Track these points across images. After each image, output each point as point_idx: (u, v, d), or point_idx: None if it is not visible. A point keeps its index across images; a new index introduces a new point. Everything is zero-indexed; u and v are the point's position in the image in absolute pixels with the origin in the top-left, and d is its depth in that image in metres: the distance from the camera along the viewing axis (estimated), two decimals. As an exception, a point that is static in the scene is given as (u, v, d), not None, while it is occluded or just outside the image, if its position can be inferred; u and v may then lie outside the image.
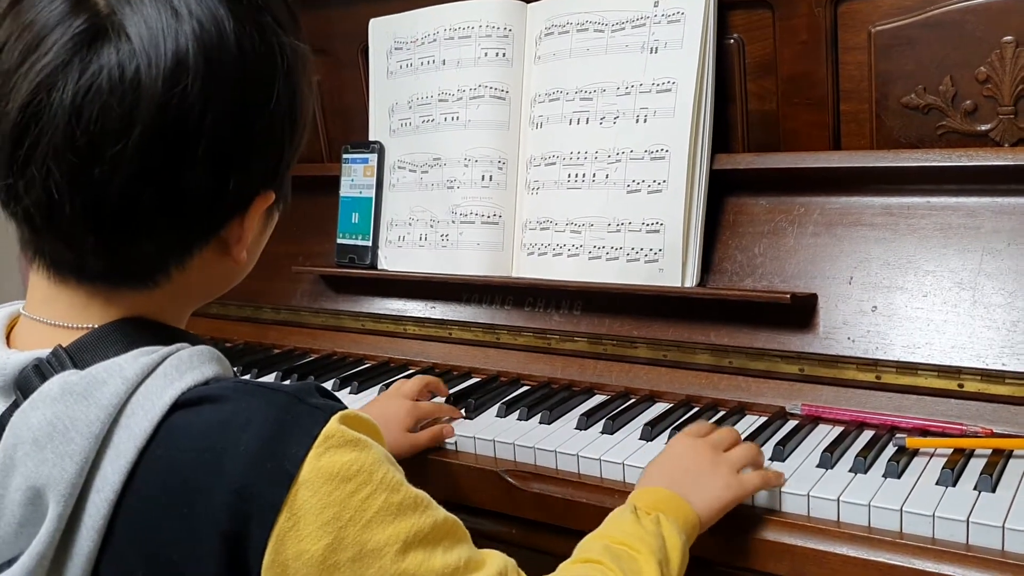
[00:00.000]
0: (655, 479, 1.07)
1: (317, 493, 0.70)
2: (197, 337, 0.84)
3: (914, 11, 1.33)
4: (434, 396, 1.47)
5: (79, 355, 0.76)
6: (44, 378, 0.74)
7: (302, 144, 0.85)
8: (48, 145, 0.71)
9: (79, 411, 0.71)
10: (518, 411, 1.42)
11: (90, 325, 0.79)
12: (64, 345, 0.77)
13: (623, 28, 1.49)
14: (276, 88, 0.77)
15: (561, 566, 0.94)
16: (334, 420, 0.73)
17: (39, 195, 0.73)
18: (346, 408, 0.75)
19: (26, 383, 0.75)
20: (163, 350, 0.76)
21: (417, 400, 1.41)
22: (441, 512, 0.78)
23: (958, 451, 1.17)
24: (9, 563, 0.72)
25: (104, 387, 0.72)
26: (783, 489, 1.13)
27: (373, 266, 1.78)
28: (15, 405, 0.75)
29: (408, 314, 1.75)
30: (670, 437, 1.28)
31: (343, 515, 0.71)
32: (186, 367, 0.75)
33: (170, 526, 0.71)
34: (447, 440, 1.39)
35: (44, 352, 0.77)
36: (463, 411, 1.45)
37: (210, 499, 0.70)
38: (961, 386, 1.25)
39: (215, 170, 0.75)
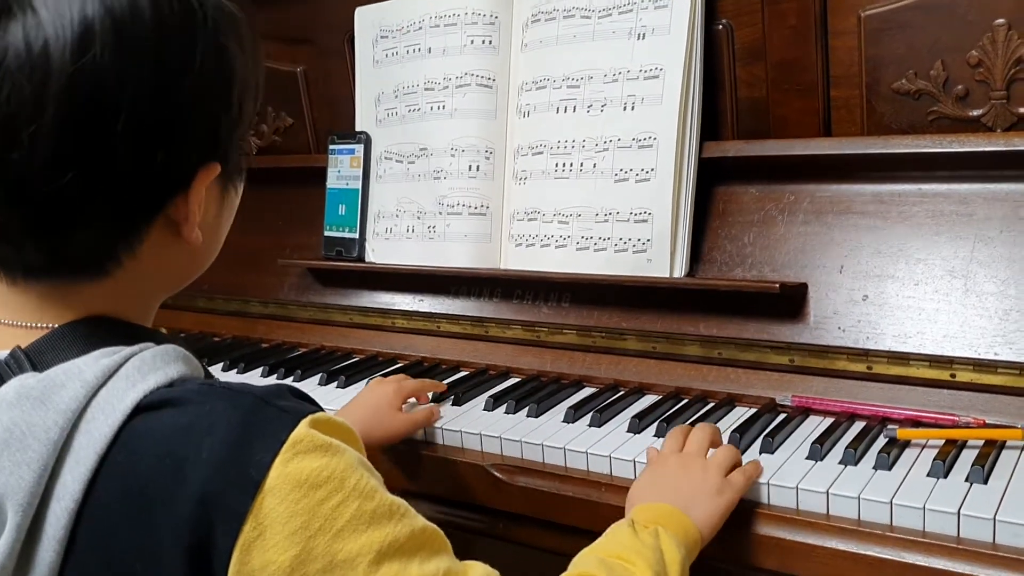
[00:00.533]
0: (649, 495, 1.05)
1: (284, 501, 0.67)
2: (163, 335, 0.81)
3: (905, -6, 1.31)
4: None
5: (38, 356, 0.74)
6: (2, 380, 0.72)
7: (248, 113, 0.81)
8: None
9: (36, 417, 0.68)
10: (505, 404, 1.41)
11: (49, 325, 0.77)
12: (23, 346, 0.75)
13: (610, 14, 1.47)
14: (198, 51, 0.74)
15: None
16: (303, 424, 0.70)
17: None
18: (319, 411, 0.72)
19: None
20: (125, 351, 0.73)
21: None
22: (419, 520, 0.74)
23: (950, 442, 1.15)
24: None
25: (63, 391, 0.69)
26: (771, 482, 1.11)
27: (361, 259, 1.76)
28: None
29: (396, 307, 1.73)
30: (657, 430, 1.27)
31: (312, 524, 0.68)
32: (149, 368, 0.72)
33: (132, 535, 0.68)
34: (434, 425, 1.37)
35: (2, 354, 0.75)
36: (451, 402, 1.44)
37: (172, 507, 0.67)
38: (953, 376, 1.23)
39: (139, 144, 0.71)
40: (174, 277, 0.84)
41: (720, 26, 1.44)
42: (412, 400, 1.41)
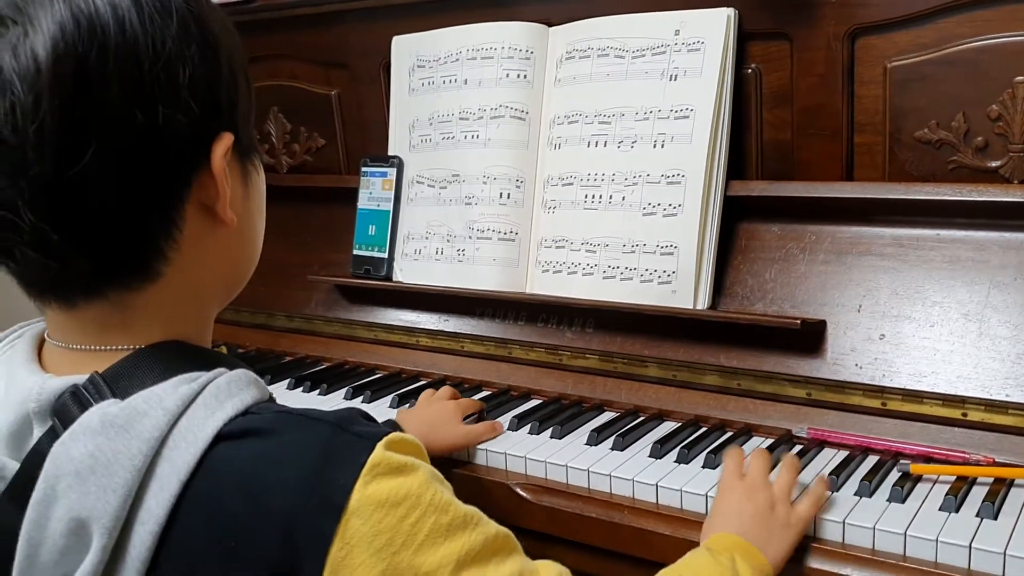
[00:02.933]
0: (726, 524, 1.08)
1: (368, 521, 0.70)
2: (231, 359, 0.83)
3: (930, 48, 1.36)
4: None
5: (116, 383, 0.76)
6: (82, 406, 0.74)
7: (242, 84, 0.82)
8: None
9: (121, 444, 0.71)
10: (529, 425, 1.45)
11: (115, 346, 0.79)
12: (100, 371, 0.77)
13: (643, 55, 1.53)
14: (174, 14, 0.75)
15: None
16: (379, 447, 0.73)
17: None
18: (389, 432, 0.75)
19: (64, 411, 0.75)
20: (202, 378, 0.76)
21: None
22: (492, 526, 0.77)
23: (961, 478, 1.20)
24: None
25: (145, 419, 0.72)
26: (790, 510, 1.16)
27: (388, 278, 1.81)
28: (52, 431, 0.75)
29: (421, 326, 1.78)
30: (679, 456, 1.32)
31: (396, 540, 0.71)
32: (225, 395, 0.75)
33: (218, 561, 0.71)
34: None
35: (80, 378, 0.77)
36: (475, 420, 1.49)
37: (258, 534, 0.70)
38: (965, 415, 1.28)
39: (138, 105, 0.72)
40: (222, 274, 0.86)
41: (750, 70, 1.50)
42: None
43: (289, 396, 1.69)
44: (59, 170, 0.71)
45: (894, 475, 1.23)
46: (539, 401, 1.59)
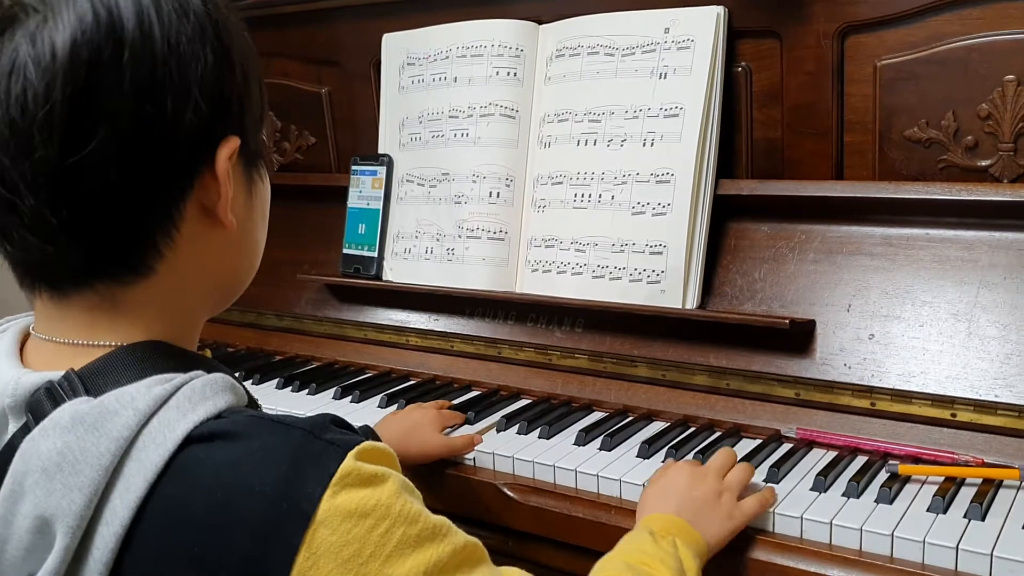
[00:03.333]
0: (663, 506, 1.10)
1: (336, 531, 0.69)
2: (212, 362, 0.83)
3: (920, 47, 1.36)
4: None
5: (91, 380, 0.75)
6: (56, 402, 0.74)
7: (253, 86, 0.82)
8: None
9: (89, 442, 0.70)
10: (517, 425, 1.45)
11: (100, 342, 0.79)
12: (76, 369, 0.76)
13: (633, 53, 1.52)
14: (190, 14, 0.76)
15: None
16: (350, 457, 0.72)
17: None
18: (363, 441, 0.74)
19: (38, 407, 0.74)
20: (176, 379, 0.75)
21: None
22: (461, 537, 0.77)
23: (949, 479, 1.20)
24: None
25: (116, 418, 0.71)
26: (776, 511, 1.15)
27: (378, 277, 1.81)
28: (26, 428, 0.74)
29: (411, 325, 1.78)
30: (667, 456, 1.31)
31: (363, 552, 0.70)
32: (199, 398, 0.74)
33: (182, 565, 0.70)
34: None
35: (56, 375, 0.76)
36: (464, 420, 1.48)
37: (224, 540, 0.69)
38: (954, 415, 1.28)
39: (148, 99, 0.73)
40: (215, 279, 0.85)
41: (739, 68, 1.49)
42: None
43: (278, 395, 1.68)
44: (63, 155, 0.72)
45: (882, 476, 1.23)
46: (528, 401, 1.59)
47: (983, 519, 1.10)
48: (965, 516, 1.11)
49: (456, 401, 1.57)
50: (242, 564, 0.69)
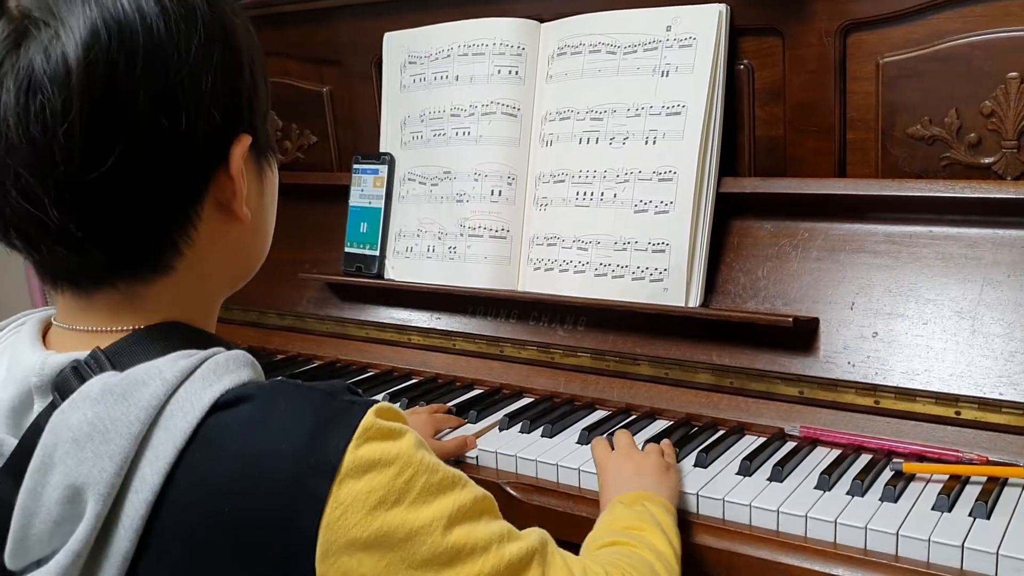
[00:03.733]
0: (622, 487, 1.18)
1: (361, 480, 0.72)
2: (231, 343, 0.85)
3: (922, 44, 1.35)
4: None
5: (117, 358, 0.77)
6: (82, 380, 0.75)
7: (261, 84, 0.84)
8: (6, 149, 0.73)
9: (119, 411, 0.72)
10: (520, 424, 1.45)
11: (123, 328, 0.81)
12: (102, 347, 0.78)
13: (635, 51, 1.52)
14: (199, 19, 0.77)
15: (583, 556, 1.00)
16: (370, 413, 0.75)
17: (17, 205, 0.74)
18: (376, 401, 0.77)
19: (64, 384, 0.76)
20: (200, 354, 0.77)
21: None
22: (479, 489, 0.80)
23: (954, 477, 1.20)
24: (40, 562, 0.73)
25: (144, 388, 0.73)
26: (782, 510, 1.15)
27: (380, 276, 1.80)
28: (52, 406, 0.75)
29: (413, 324, 1.77)
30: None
31: (389, 498, 0.73)
32: (223, 370, 0.76)
33: (212, 528, 0.72)
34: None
35: (82, 354, 0.78)
36: (466, 419, 1.48)
37: (253, 498, 0.71)
38: (958, 413, 1.27)
39: (165, 113, 0.75)
40: (232, 268, 0.88)
41: (742, 66, 1.49)
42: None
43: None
44: (85, 171, 0.73)
45: (887, 474, 1.22)
46: (530, 399, 1.59)
47: (988, 517, 1.10)
48: (970, 515, 1.11)
49: (458, 400, 1.57)
50: (273, 520, 0.71)
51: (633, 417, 1.47)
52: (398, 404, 1.56)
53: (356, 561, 0.72)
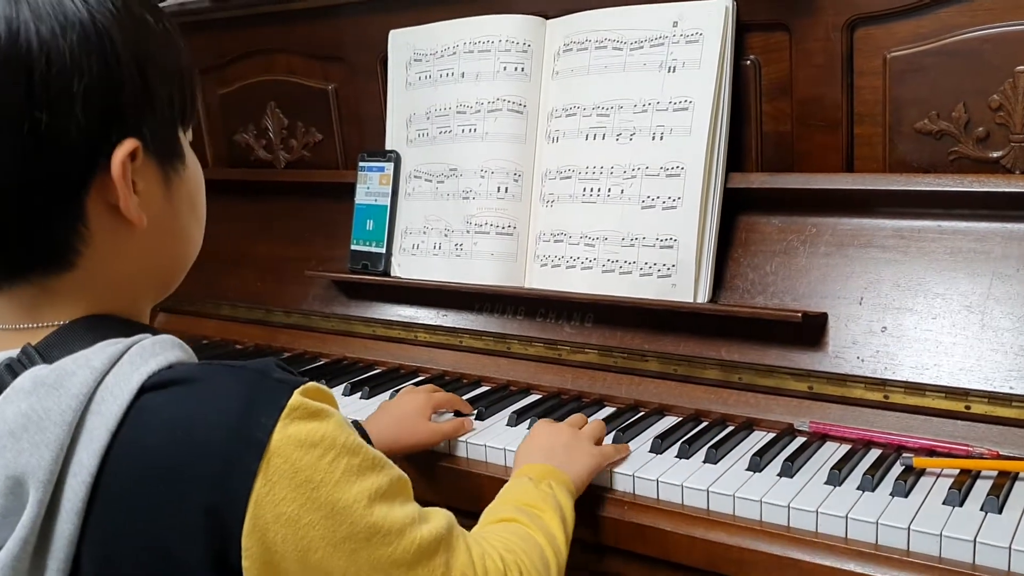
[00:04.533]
0: (533, 457, 1.23)
1: (288, 460, 0.76)
2: (158, 330, 0.87)
3: (930, 38, 1.35)
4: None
5: (47, 351, 0.80)
6: (15, 375, 0.78)
7: (156, 88, 0.84)
8: None
9: (51, 401, 0.75)
10: (528, 420, 1.45)
11: (46, 323, 0.83)
12: (33, 343, 0.81)
13: (642, 47, 1.51)
14: (68, 27, 0.78)
15: (476, 529, 1.05)
16: (297, 393, 0.78)
17: None
18: (306, 381, 0.80)
19: None
20: (127, 340, 0.80)
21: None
22: (396, 470, 0.85)
23: (964, 472, 1.19)
24: None
25: (74, 377, 0.76)
26: (792, 505, 1.15)
27: (386, 273, 1.80)
28: None
29: (420, 321, 1.77)
30: (679, 450, 1.31)
31: (314, 478, 0.77)
32: (149, 354, 0.79)
33: (150, 504, 0.75)
34: (458, 439, 1.43)
35: (13, 352, 0.80)
36: (474, 416, 1.48)
37: (187, 474, 0.75)
38: (968, 408, 1.27)
39: (25, 112, 0.76)
40: (147, 270, 0.89)
41: (748, 62, 1.49)
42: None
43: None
44: None
45: (897, 469, 1.22)
46: (538, 396, 1.59)
47: (1000, 512, 1.10)
48: (982, 509, 1.11)
49: (465, 396, 1.57)
50: (204, 493, 0.74)
51: (641, 413, 1.47)
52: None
53: (280, 536, 0.76)
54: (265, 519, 0.75)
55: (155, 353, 0.79)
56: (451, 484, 1.39)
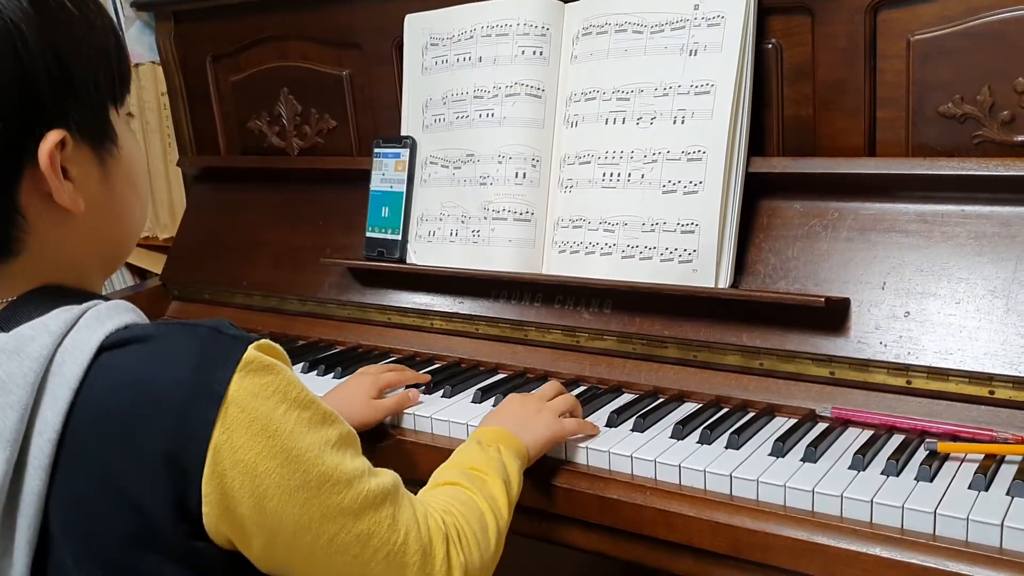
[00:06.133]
0: (492, 422, 1.27)
1: (245, 409, 0.80)
2: (109, 297, 0.90)
3: (954, 21, 1.34)
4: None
5: (4, 322, 0.83)
6: None
7: (80, 77, 0.85)
8: None
9: (13, 366, 0.79)
10: (548, 407, 1.44)
11: (4, 300, 0.86)
12: None
13: (662, 30, 1.50)
14: None
15: (423, 491, 1.09)
16: (251, 348, 0.82)
17: None
18: (259, 338, 0.85)
19: None
20: (82, 306, 0.84)
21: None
22: (345, 426, 0.91)
23: (989, 456, 1.18)
24: None
25: (33, 342, 0.80)
26: (817, 490, 1.14)
27: (402, 260, 1.79)
28: None
29: (436, 309, 1.77)
30: (701, 436, 1.30)
31: (270, 427, 0.82)
32: (105, 316, 0.83)
33: (114, 457, 0.79)
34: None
35: None
36: (492, 402, 1.47)
37: (149, 426, 0.79)
38: (992, 393, 1.26)
39: None
40: (94, 250, 0.92)
41: (770, 45, 1.48)
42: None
43: (304, 380, 1.66)
44: None
45: (921, 454, 1.21)
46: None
47: (1027, 496, 1.09)
48: (1008, 494, 1.10)
49: (482, 384, 1.56)
50: (166, 443, 0.79)
51: (661, 400, 1.46)
52: (422, 388, 1.54)
53: (237, 483, 0.80)
54: (223, 465, 0.79)
55: (110, 316, 0.83)
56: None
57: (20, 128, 0.82)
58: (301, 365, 1.73)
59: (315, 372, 1.70)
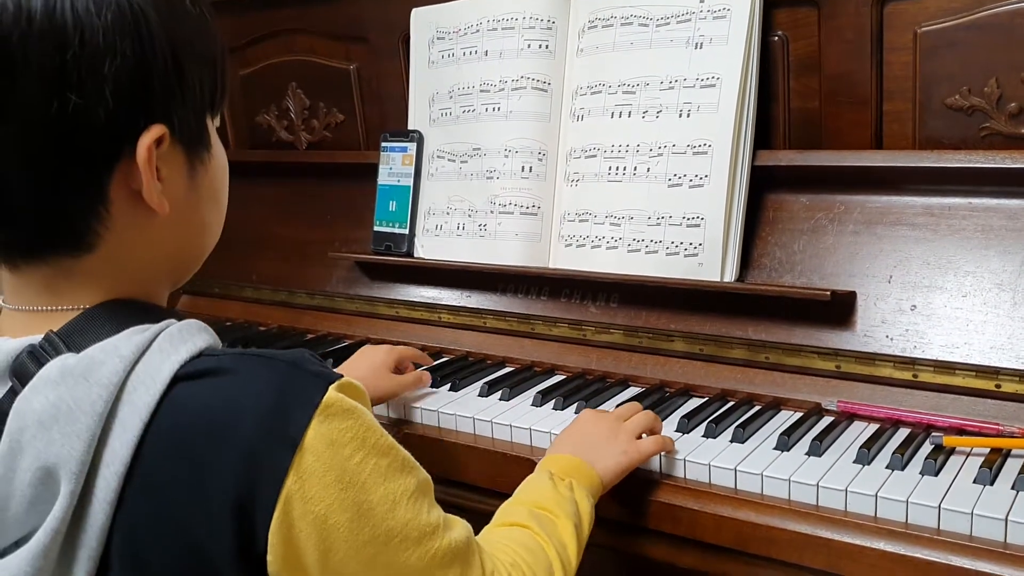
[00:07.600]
0: (564, 447, 1.20)
1: (320, 458, 0.76)
2: (182, 313, 0.86)
3: (961, 13, 1.33)
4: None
5: (71, 339, 0.79)
6: (39, 363, 0.77)
7: (191, 76, 0.83)
8: None
9: (81, 392, 0.74)
10: (553, 401, 1.44)
11: (68, 307, 0.82)
12: (55, 330, 0.80)
13: (668, 23, 1.50)
14: (103, 9, 0.76)
15: (489, 529, 1.05)
16: (332, 389, 0.77)
17: None
18: (340, 376, 0.80)
19: (22, 370, 0.77)
20: (154, 327, 0.79)
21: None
22: (423, 472, 0.86)
23: (995, 451, 1.18)
24: (18, 543, 0.75)
25: (103, 367, 0.75)
26: (821, 484, 1.14)
27: (409, 254, 1.80)
28: (12, 392, 0.77)
29: (443, 302, 1.77)
30: (707, 430, 1.30)
31: (344, 478, 0.77)
32: (179, 340, 0.78)
33: (181, 495, 0.75)
34: (485, 419, 1.42)
35: (36, 338, 0.79)
36: (499, 396, 1.48)
37: (219, 466, 0.74)
38: (999, 387, 1.26)
39: (54, 91, 0.75)
40: (165, 257, 0.88)
41: (776, 38, 1.47)
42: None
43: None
44: None
45: (926, 448, 1.21)
46: (563, 376, 1.58)
47: (1032, 490, 1.09)
48: (1013, 488, 1.10)
49: (489, 377, 1.57)
50: (236, 488, 0.74)
51: (667, 393, 1.46)
52: (430, 383, 1.55)
53: (304, 534, 0.76)
54: (292, 515, 0.75)
55: (183, 340, 0.78)
56: (476, 464, 1.39)
57: (128, 115, 0.78)
58: (309, 359, 1.73)
59: (323, 366, 1.70)
